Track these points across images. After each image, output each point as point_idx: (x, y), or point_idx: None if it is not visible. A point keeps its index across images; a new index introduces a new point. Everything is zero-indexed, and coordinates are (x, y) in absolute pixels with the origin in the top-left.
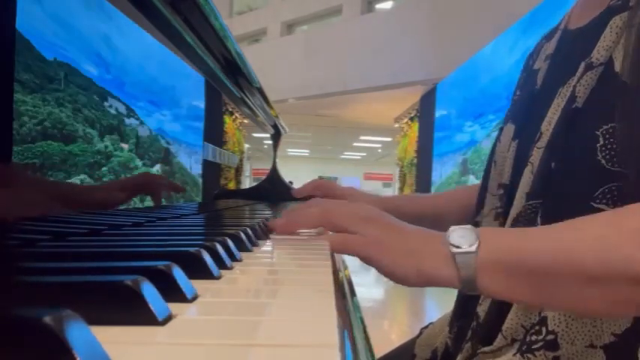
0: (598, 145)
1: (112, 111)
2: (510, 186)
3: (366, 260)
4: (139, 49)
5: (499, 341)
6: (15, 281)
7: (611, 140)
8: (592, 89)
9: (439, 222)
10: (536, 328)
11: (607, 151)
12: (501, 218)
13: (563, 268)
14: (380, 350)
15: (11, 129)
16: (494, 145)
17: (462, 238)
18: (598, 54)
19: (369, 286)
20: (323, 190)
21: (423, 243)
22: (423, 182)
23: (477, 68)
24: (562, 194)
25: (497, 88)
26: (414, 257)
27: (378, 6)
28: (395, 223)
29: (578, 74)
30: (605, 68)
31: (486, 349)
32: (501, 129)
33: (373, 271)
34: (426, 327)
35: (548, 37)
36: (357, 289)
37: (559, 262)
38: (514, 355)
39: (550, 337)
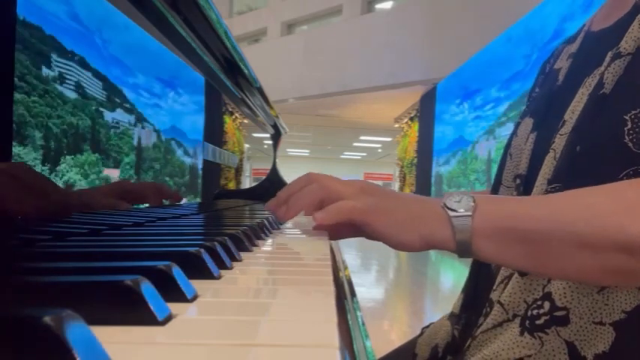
0: (626, 128)
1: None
2: (528, 175)
3: (368, 227)
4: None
5: (498, 314)
6: (15, 281)
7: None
8: (620, 77)
9: None
10: (538, 302)
11: (635, 135)
12: None
13: (556, 233)
14: (380, 350)
15: (11, 129)
16: (510, 139)
17: (458, 202)
18: (626, 44)
19: (369, 286)
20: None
21: (422, 207)
22: (423, 182)
23: (477, 68)
24: (585, 177)
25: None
26: (415, 222)
27: (378, 6)
28: (393, 192)
29: (605, 63)
30: (633, 58)
31: (488, 325)
32: (518, 123)
33: (373, 271)
34: (427, 327)
35: (569, 41)
36: (357, 289)
37: (552, 226)
38: (521, 334)
39: (561, 312)
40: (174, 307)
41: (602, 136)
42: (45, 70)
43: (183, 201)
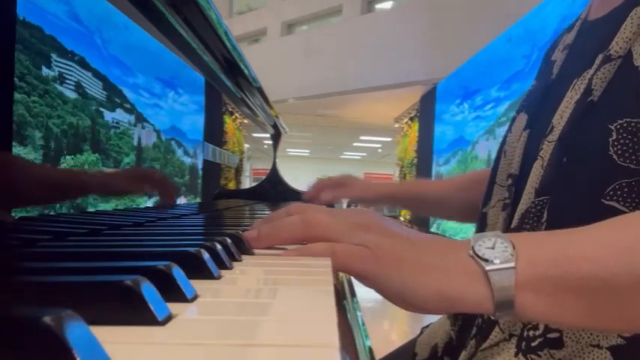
0: (610, 139)
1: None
2: (519, 177)
3: (367, 280)
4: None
5: (496, 335)
6: (15, 281)
7: (624, 135)
8: (609, 82)
9: (444, 206)
10: (534, 323)
11: (619, 146)
12: (509, 209)
13: (624, 277)
14: (380, 350)
15: (11, 124)
16: (505, 136)
17: (491, 249)
18: (617, 46)
19: None
20: (328, 183)
21: (442, 255)
22: None
23: (477, 68)
24: (571, 190)
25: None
26: (433, 274)
27: (378, 6)
28: (403, 229)
29: (595, 66)
30: (624, 61)
31: (485, 344)
32: (514, 118)
33: None
34: (427, 326)
35: (568, 29)
36: (357, 289)
37: (617, 269)
38: (516, 355)
39: (554, 334)
40: (174, 307)
41: (588, 147)
42: (45, 70)
43: (184, 201)
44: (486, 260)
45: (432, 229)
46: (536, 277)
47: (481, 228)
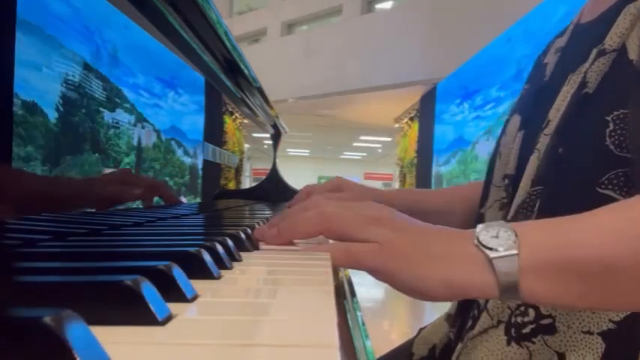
0: (607, 130)
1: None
2: (515, 175)
3: (379, 274)
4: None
5: (484, 321)
6: (15, 281)
7: (622, 126)
8: (604, 75)
9: (443, 218)
10: (522, 309)
11: (616, 137)
12: (507, 208)
13: (624, 260)
14: (380, 350)
15: (11, 129)
16: (500, 138)
17: (495, 237)
18: (611, 40)
19: (369, 286)
20: (316, 192)
21: (449, 246)
22: (423, 182)
23: (477, 68)
24: (565, 180)
25: None
26: (440, 264)
27: (378, 6)
28: (412, 222)
29: (589, 60)
30: (618, 55)
31: (474, 331)
32: (507, 121)
33: None
34: (424, 327)
35: (560, 34)
36: (357, 289)
37: (617, 252)
38: (508, 344)
39: (546, 320)
40: (174, 307)
41: (584, 137)
42: (45, 70)
43: (184, 201)
44: (491, 249)
45: None
46: (538, 262)
47: None
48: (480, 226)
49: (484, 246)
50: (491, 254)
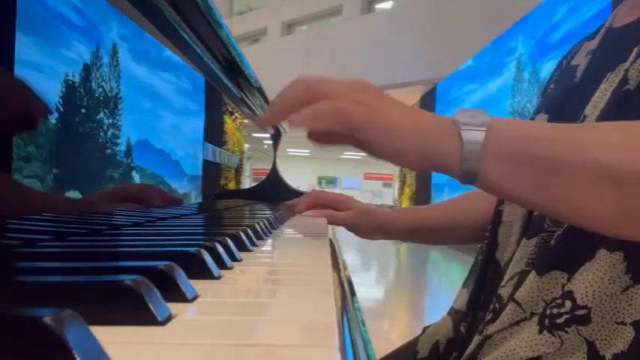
0: None
1: None
2: None
3: (360, 131)
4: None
5: (514, 313)
6: (15, 281)
7: None
8: None
9: (453, 233)
10: (558, 301)
11: None
12: None
13: (580, 161)
14: (380, 350)
15: (11, 138)
16: None
17: (472, 117)
18: None
19: (369, 286)
20: (320, 201)
21: (426, 116)
22: (423, 182)
23: (477, 68)
24: None
25: None
26: (417, 130)
27: (378, 6)
28: (395, 99)
29: (631, 59)
30: None
31: (499, 324)
32: (532, 119)
33: (373, 271)
34: (429, 326)
35: (588, 38)
36: (357, 289)
37: (577, 153)
38: (540, 332)
39: (582, 311)
40: (174, 307)
41: None
42: (44, 70)
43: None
44: (464, 123)
45: None
46: (498, 144)
47: (495, 225)
48: (462, 108)
49: (459, 120)
50: (462, 126)
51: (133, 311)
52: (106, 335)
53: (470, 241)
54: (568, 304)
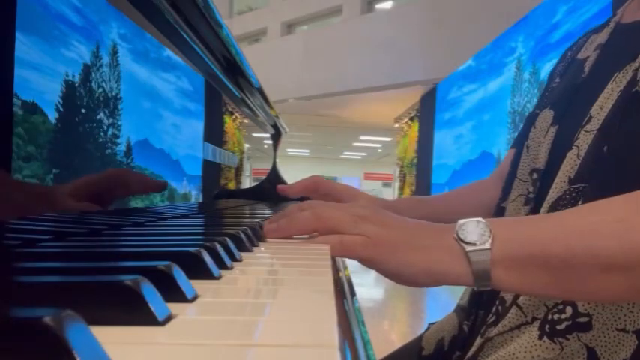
0: None
1: None
2: (545, 171)
3: (369, 262)
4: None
5: (516, 317)
6: (15, 281)
7: None
8: None
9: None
10: (559, 307)
11: None
12: (532, 203)
13: (582, 257)
14: (380, 350)
15: (11, 134)
16: (527, 132)
17: (473, 233)
18: None
19: (369, 286)
20: (321, 189)
21: (430, 238)
22: (423, 182)
23: (477, 68)
24: (611, 179)
25: None
26: (422, 254)
27: (378, 6)
28: (397, 219)
29: (639, 60)
30: None
31: (501, 327)
32: (536, 114)
33: (373, 271)
34: (434, 322)
35: (596, 30)
36: (357, 289)
37: (577, 249)
38: (540, 338)
39: (583, 319)
40: (174, 307)
41: (632, 137)
42: (44, 70)
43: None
44: (467, 242)
45: None
46: (506, 256)
47: None
48: (459, 222)
49: (462, 240)
50: (467, 247)
51: (133, 311)
52: (106, 335)
53: None
54: (569, 310)
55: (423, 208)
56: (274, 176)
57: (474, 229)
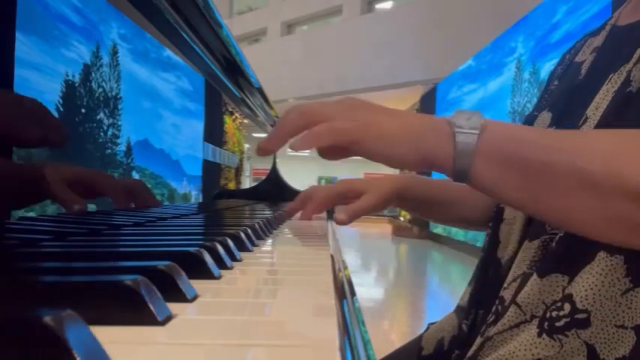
0: None
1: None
2: None
3: (359, 145)
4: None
5: (515, 315)
6: (15, 281)
7: None
8: None
9: (452, 210)
10: (558, 304)
11: None
12: None
13: (564, 167)
14: (380, 350)
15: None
16: None
17: (467, 120)
18: None
19: (369, 286)
20: (332, 200)
21: (421, 122)
22: None
23: (477, 68)
24: None
25: None
26: (412, 134)
27: (378, 6)
28: (387, 108)
29: (634, 60)
30: None
31: (501, 326)
32: (534, 116)
33: (373, 271)
34: (434, 323)
35: (593, 34)
36: (357, 289)
37: (562, 159)
38: (539, 336)
39: (582, 315)
40: (174, 307)
41: None
42: (44, 70)
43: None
44: (458, 126)
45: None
46: (492, 147)
47: (496, 222)
48: (458, 110)
49: (453, 123)
50: (457, 129)
51: (133, 311)
52: (106, 335)
53: (470, 224)
54: (567, 307)
55: (426, 184)
56: (274, 176)
57: (468, 116)
